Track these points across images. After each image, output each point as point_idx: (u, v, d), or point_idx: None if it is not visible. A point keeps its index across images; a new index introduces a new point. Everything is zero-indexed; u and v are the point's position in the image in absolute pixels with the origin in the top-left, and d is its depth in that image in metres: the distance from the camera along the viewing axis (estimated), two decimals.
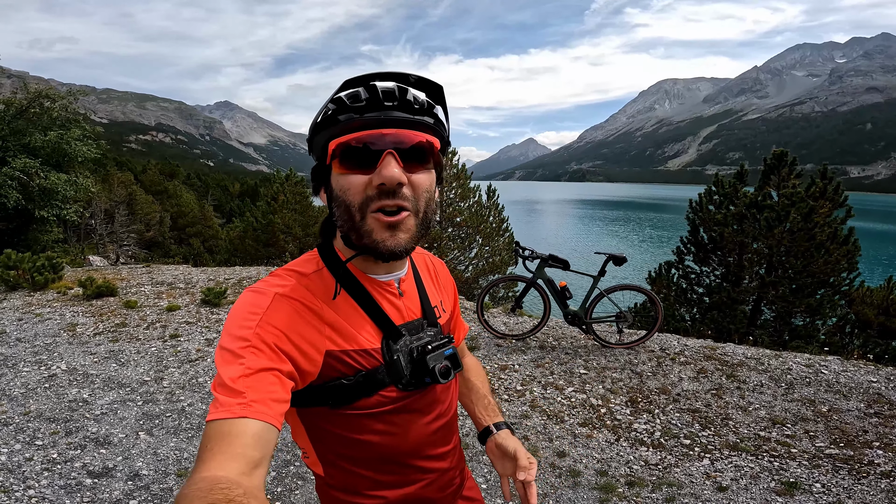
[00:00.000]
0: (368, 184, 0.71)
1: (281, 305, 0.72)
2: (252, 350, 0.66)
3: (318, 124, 0.75)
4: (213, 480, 0.53)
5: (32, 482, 2.62)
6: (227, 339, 0.68)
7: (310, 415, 0.79)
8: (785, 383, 3.90)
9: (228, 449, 0.58)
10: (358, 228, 0.73)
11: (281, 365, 0.68)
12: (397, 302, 0.85)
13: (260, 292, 0.74)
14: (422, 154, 0.74)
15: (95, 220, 23.50)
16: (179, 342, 4.89)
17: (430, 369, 0.81)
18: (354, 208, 0.73)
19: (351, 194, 0.72)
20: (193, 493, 0.52)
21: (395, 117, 0.72)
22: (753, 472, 2.78)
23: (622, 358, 4.45)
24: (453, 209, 11.01)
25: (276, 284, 0.76)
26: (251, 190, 44.84)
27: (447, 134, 0.80)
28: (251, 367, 0.65)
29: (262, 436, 0.61)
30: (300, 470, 2.83)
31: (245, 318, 0.70)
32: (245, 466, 0.57)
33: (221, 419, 0.60)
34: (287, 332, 0.71)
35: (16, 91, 14.01)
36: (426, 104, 0.76)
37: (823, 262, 7.44)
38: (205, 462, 0.57)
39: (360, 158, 0.71)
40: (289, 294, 0.74)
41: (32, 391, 3.73)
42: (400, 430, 0.82)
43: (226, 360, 0.66)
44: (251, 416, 0.61)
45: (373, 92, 0.71)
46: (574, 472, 2.81)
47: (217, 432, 0.60)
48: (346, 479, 0.83)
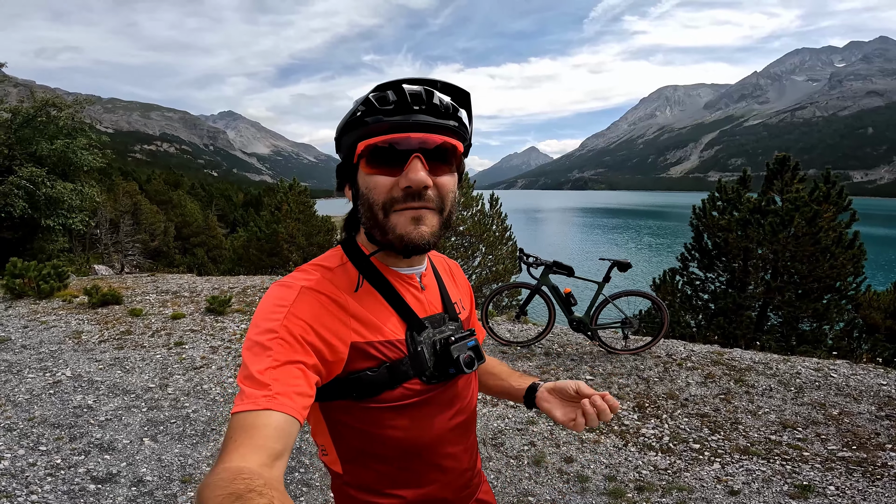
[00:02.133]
0: (395, 185, 0.74)
1: (307, 298, 0.74)
2: (280, 342, 0.68)
3: (347, 124, 0.77)
4: (235, 471, 0.55)
5: (35, 487, 2.60)
6: (255, 331, 0.70)
7: (332, 409, 0.80)
8: (794, 387, 3.86)
9: (251, 441, 0.59)
10: (382, 225, 0.75)
11: (306, 358, 0.69)
12: (419, 295, 0.86)
13: (287, 286, 0.76)
14: (446, 156, 0.76)
15: (101, 229, 23.66)
16: (184, 349, 4.88)
17: (455, 359, 0.82)
18: (378, 207, 0.75)
19: (377, 193, 0.74)
20: (216, 482, 0.53)
21: (422, 121, 0.74)
22: (765, 475, 2.73)
23: (628, 364, 4.42)
24: (456, 218, 10.97)
25: (301, 278, 0.78)
26: (255, 199, 45.12)
27: (469, 137, 0.82)
28: (278, 359, 0.66)
29: (284, 428, 0.62)
30: (305, 476, 2.81)
31: (272, 310, 0.71)
32: (267, 458, 0.59)
33: (246, 411, 0.62)
34: (313, 324, 0.72)
35: (22, 100, 14.09)
36: (451, 108, 0.78)
37: (829, 267, 7.40)
38: (228, 453, 0.58)
39: (388, 159, 0.73)
40: (315, 287, 0.76)
41: (37, 397, 3.72)
42: (422, 425, 0.82)
43: (254, 352, 0.67)
44: (275, 408, 0.62)
45: (401, 95, 0.73)
46: (582, 477, 2.78)
47: (242, 424, 0.61)
48: (365, 477, 0.83)
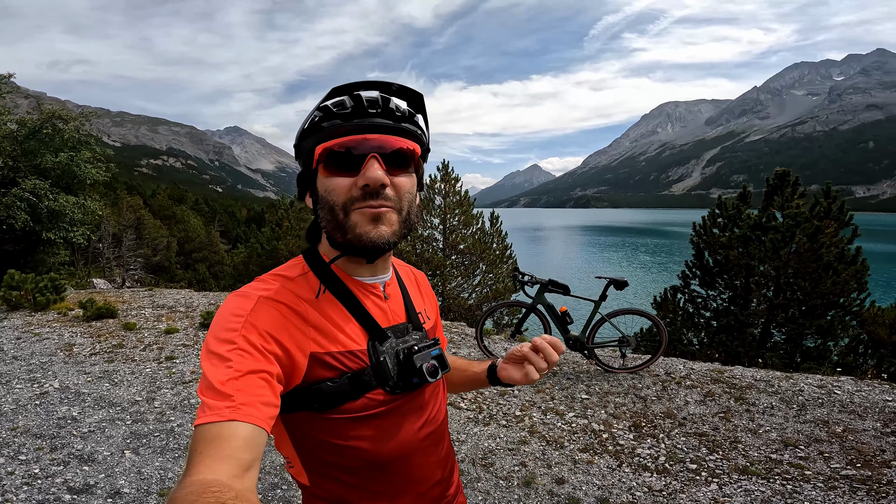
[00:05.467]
0: (353, 185, 0.73)
1: (265, 308, 0.72)
2: (239, 352, 0.65)
3: (305, 130, 0.77)
4: (203, 484, 0.52)
5: (10, 496, 2.56)
6: (213, 342, 0.67)
7: (294, 421, 0.77)
8: (797, 405, 3.75)
9: (218, 452, 0.56)
10: (342, 225, 0.75)
11: (269, 367, 0.67)
12: (382, 304, 0.85)
13: (244, 296, 0.74)
14: (403, 159, 0.77)
15: (103, 243, 23.78)
16: (174, 364, 4.83)
17: (418, 368, 0.80)
18: (339, 207, 0.74)
19: (336, 195, 0.74)
20: (184, 496, 0.50)
21: (378, 124, 0.75)
22: (765, 496, 2.63)
23: (625, 383, 4.33)
24: (457, 236, 10.97)
25: (260, 288, 0.76)
26: (258, 216, 45.35)
27: (427, 141, 0.83)
28: (239, 369, 0.64)
29: (252, 439, 0.59)
30: (287, 493, 2.72)
31: (229, 320, 0.69)
32: (236, 469, 0.56)
33: (210, 423, 0.59)
34: (273, 332, 0.70)
35: (31, 111, 14.24)
36: (407, 112, 0.79)
37: (832, 283, 7.30)
38: (195, 466, 0.55)
39: (345, 162, 0.74)
40: (273, 297, 0.74)
41: (23, 407, 3.68)
42: (388, 436, 0.79)
43: (213, 362, 0.65)
44: (240, 419, 0.60)
45: (357, 100, 0.74)
46: (573, 499, 2.68)
47: (206, 436, 0.58)
48: (334, 489, 0.80)
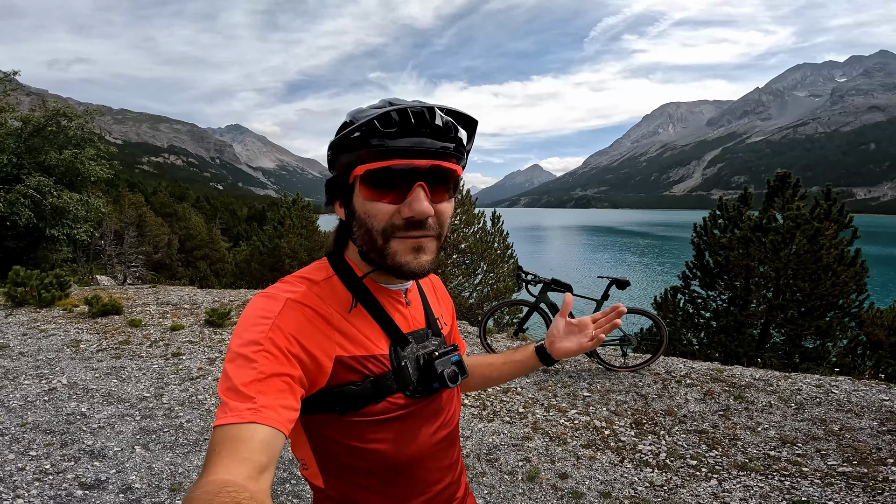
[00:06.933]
0: (396, 213, 0.72)
1: (292, 310, 0.72)
2: (265, 354, 0.66)
3: (345, 143, 0.73)
4: (220, 484, 0.53)
5: (22, 492, 2.58)
6: (239, 342, 0.68)
7: (314, 423, 0.78)
8: (795, 403, 3.80)
9: (236, 453, 0.57)
10: (381, 250, 0.74)
11: (292, 370, 0.67)
12: (404, 311, 0.86)
13: (272, 297, 0.74)
14: (447, 183, 0.75)
15: (105, 240, 23.81)
16: (181, 360, 4.87)
17: (439, 374, 0.82)
18: (378, 233, 0.73)
19: (377, 220, 0.73)
20: (200, 495, 0.51)
21: (425, 147, 0.71)
22: (763, 491, 2.68)
23: (627, 381, 4.38)
24: (458, 235, 11.01)
25: (287, 290, 0.76)
26: (259, 214, 45.35)
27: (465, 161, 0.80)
28: (263, 371, 0.64)
29: (270, 442, 0.60)
30: (296, 488, 2.77)
31: (257, 322, 0.70)
32: (252, 471, 0.57)
33: (230, 424, 0.60)
34: (298, 336, 0.70)
35: (34, 108, 14.25)
36: (452, 127, 0.75)
37: (831, 285, 7.35)
38: (212, 466, 0.57)
39: (389, 186, 0.71)
40: (300, 300, 0.74)
41: (31, 403, 3.71)
42: (406, 439, 0.81)
43: (238, 364, 0.65)
44: (260, 421, 0.60)
45: (404, 116, 0.70)
46: (576, 493, 2.73)
47: (225, 437, 0.59)
48: (348, 491, 0.81)
